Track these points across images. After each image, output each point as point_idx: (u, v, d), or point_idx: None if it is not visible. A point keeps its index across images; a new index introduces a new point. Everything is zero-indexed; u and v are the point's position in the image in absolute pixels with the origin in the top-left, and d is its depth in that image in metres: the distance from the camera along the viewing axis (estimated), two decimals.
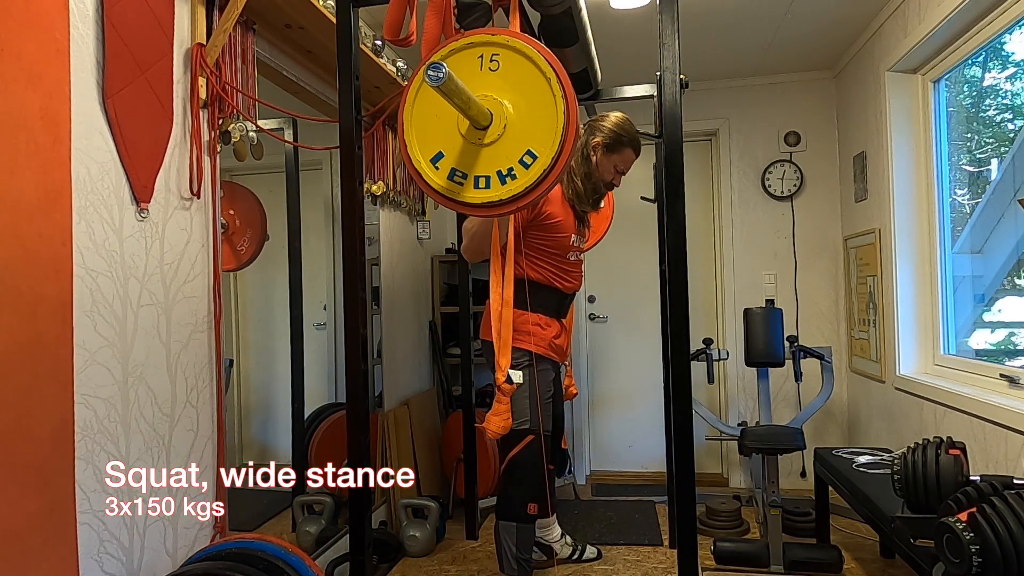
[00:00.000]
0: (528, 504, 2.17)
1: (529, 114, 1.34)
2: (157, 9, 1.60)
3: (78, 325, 1.37)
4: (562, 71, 1.34)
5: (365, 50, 2.42)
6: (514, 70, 1.35)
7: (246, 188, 2.39)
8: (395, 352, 3.27)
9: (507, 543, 2.19)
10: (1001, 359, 2.57)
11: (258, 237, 2.36)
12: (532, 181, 1.33)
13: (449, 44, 1.39)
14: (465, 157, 1.37)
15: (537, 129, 1.34)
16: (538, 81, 1.34)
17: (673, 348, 1.65)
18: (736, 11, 3.00)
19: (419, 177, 1.41)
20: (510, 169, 1.35)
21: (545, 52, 1.35)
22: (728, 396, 3.96)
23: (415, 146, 1.41)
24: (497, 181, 1.36)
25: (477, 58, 1.37)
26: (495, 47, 1.36)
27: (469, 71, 1.36)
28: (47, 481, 1.28)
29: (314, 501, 2.57)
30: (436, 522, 2.95)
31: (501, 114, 1.35)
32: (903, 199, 2.98)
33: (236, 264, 2.36)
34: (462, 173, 1.37)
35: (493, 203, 1.37)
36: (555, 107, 1.32)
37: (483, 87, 1.35)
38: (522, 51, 1.35)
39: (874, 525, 2.17)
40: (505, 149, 1.35)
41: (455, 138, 1.38)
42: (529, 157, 1.33)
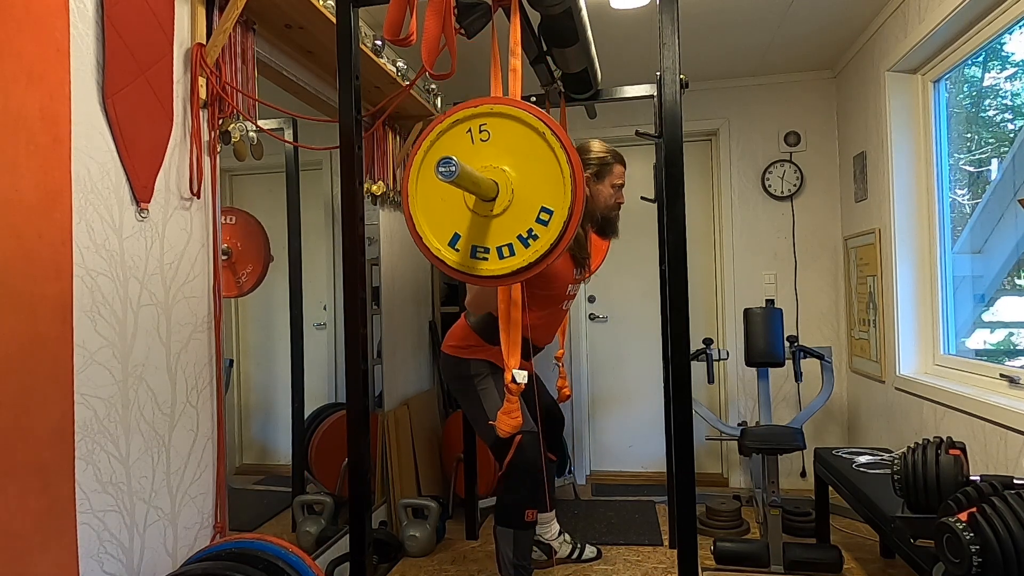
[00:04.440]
0: (526, 511, 2.17)
1: (532, 173, 1.34)
2: (157, 9, 1.61)
3: (78, 325, 1.37)
4: (551, 120, 1.34)
5: (365, 50, 2.42)
6: (505, 134, 1.35)
7: (250, 216, 2.39)
8: (395, 352, 3.27)
9: (505, 549, 2.19)
10: (1001, 359, 2.57)
11: (259, 271, 2.37)
12: (555, 236, 1.33)
13: (437, 128, 1.38)
14: (482, 231, 1.36)
15: (544, 185, 1.33)
16: (532, 139, 1.33)
17: (673, 348, 1.65)
18: (736, 11, 3.00)
19: (441, 263, 1.39)
20: (530, 231, 1.34)
21: (531, 109, 1.35)
22: (728, 396, 3.96)
23: (429, 234, 1.39)
24: (520, 245, 1.35)
25: (466, 132, 1.37)
26: (481, 118, 1.36)
27: (462, 147, 1.36)
28: (47, 481, 1.28)
29: (314, 501, 2.57)
30: (436, 522, 2.95)
31: (506, 182, 1.34)
32: (903, 199, 2.98)
33: (237, 293, 2.37)
34: (483, 248, 1.36)
35: (523, 268, 1.35)
36: (555, 159, 1.32)
37: (480, 159, 1.35)
38: (508, 114, 1.35)
39: (874, 525, 2.17)
40: (519, 213, 1.34)
41: (466, 215, 1.37)
42: (545, 214, 1.33)
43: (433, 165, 1.33)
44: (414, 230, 1.40)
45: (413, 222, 1.40)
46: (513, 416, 1.69)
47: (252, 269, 2.34)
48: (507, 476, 2.17)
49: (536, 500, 2.18)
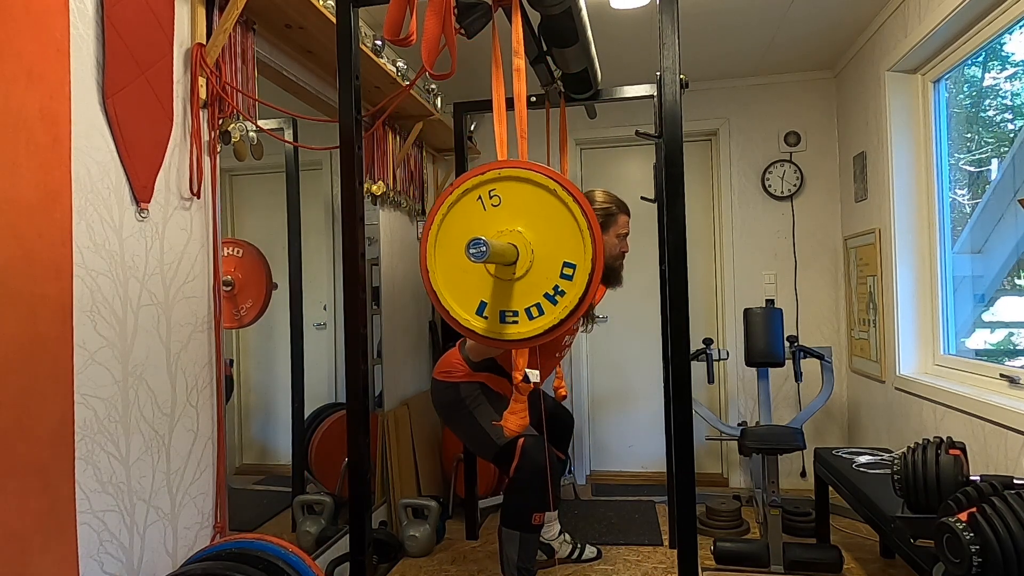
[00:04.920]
0: (533, 514, 2.17)
1: (549, 230, 1.34)
2: (157, 9, 1.61)
3: (78, 325, 1.37)
4: (559, 176, 1.34)
5: (365, 50, 2.42)
6: (516, 197, 1.35)
7: (256, 249, 2.39)
8: (395, 352, 3.27)
9: (509, 551, 2.19)
10: (1001, 359, 2.57)
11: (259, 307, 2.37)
12: (582, 290, 1.32)
13: (447, 201, 1.38)
14: (507, 295, 1.36)
15: (563, 240, 1.33)
16: (543, 197, 1.34)
17: (673, 348, 1.65)
18: (736, 11, 3.00)
19: (471, 333, 1.39)
20: (555, 287, 1.34)
21: (538, 168, 1.35)
22: (728, 396, 3.96)
23: (455, 306, 1.39)
24: (548, 304, 1.34)
25: (476, 200, 1.37)
26: (489, 184, 1.36)
27: (475, 215, 1.36)
28: (47, 481, 1.28)
29: (314, 501, 2.57)
30: (436, 522, 2.95)
31: (524, 243, 1.34)
32: (903, 199, 2.99)
33: (236, 325, 2.37)
34: (511, 312, 1.36)
35: (555, 326, 1.35)
36: (569, 214, 1.32)
37: (495, 224, 1.35)
38: (516, 177, 1.35)
39: (874, 525, 2.17)
40: (542, 272, 1.34)
41: (490, 282, 1.37)
42: (568, 268, 1.33)
43: (448, 237, 1.36)
44: (439, 304, 1.39)
45: (437, 296, 1.39)
46: (521, 416, 1.69)
47: (252, 304, 2.34)
48: (514, 479, 2.17)
49: (543, 503, 2.19)
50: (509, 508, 2.21)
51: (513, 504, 2.20)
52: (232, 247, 2.33)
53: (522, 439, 2.17)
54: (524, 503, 2.17)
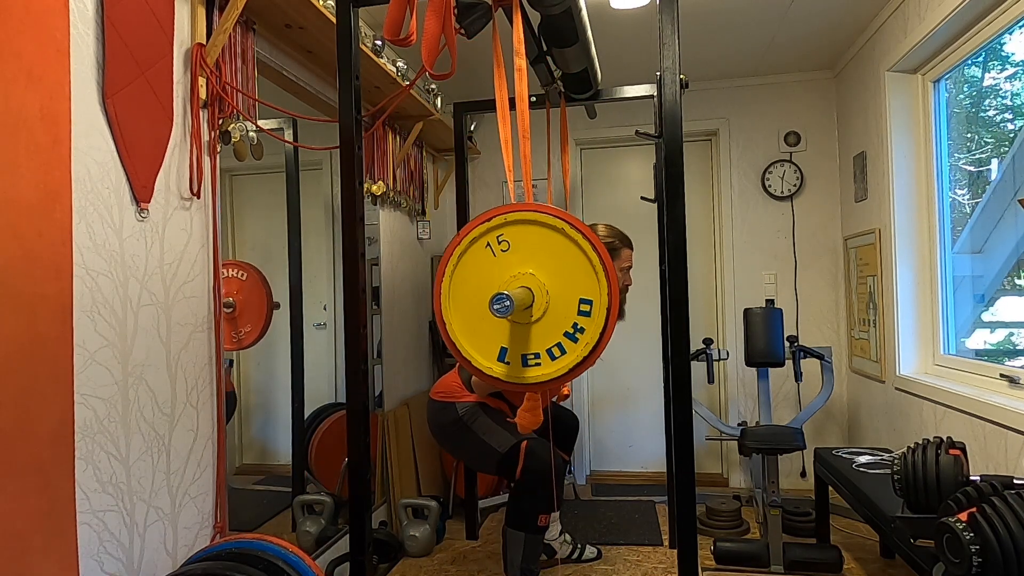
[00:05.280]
0: (539, 515, 2.18)
1: (562, 270, 1.34)
2: (157, 9, 1.60)
3: (78, 325, 1.37)
4: (566, 215, 1.34)
5: (365, 50, 2.42)
6: (525, 239, 1.35)
7: (259, 274, 2.39)
8: (395, 352, 3.27)
9: (514, 552, 2.19)
10: (1001, 359, 2.57)
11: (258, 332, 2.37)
12: (601, 325, 1.32)
13: (456, 251, 1.38)
14: (527, 339, 1.36)
15: (577, 278, 1.33)
16: (552, 237, 1.34)
17: (673, 348, 1.65)
18: (736, 11, 3.00)
19: (495, 380, 1.39)
20: (575, 325, 1.34)
21: (544, 208, 1.35)
22: (728, 396, 3.96)
23: (476, 355, 1.38)
24: (569, 342, 1.34)
25: (485, 247, 1.37)
26: (497, 229, 1.36)
27: (485, 262, 1.36)
28: (47, 481, 1.28)
29: (314, 501, 2.57)
30: (436, 522, 2.95)
31: (538, 285, 1.34)
32: (903, 199, 2.99)
33: (235, 347, 2.37)
34: (533, 354, 1.36)
35: (579, 364, 1.34)
36: (580, 251, 1.32)
37: (506, 269, 1.35)
38: (523, 220, 1.35)
39: (874, 525, 2.17)
40: (560, 311, 1.34)
41: (507, 328, 1.37)
42: (585, 305, 1.33)
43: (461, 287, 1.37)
44: (460, 355, 1.39)
45: (457, 348, 1.39)
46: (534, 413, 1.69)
47: (251, 329, 2.34)
48: (520, 481, 2.18)
49: (549, 504, 2.19)
50: (515, 509, 2.21)
51: (519, 505, 2.20)
52: (236, 269, 2.33)
53: (525, 442, 2.17)
54: (530, 504, 2.17)
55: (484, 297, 1.35)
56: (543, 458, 2.16)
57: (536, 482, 2.16)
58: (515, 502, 2.22)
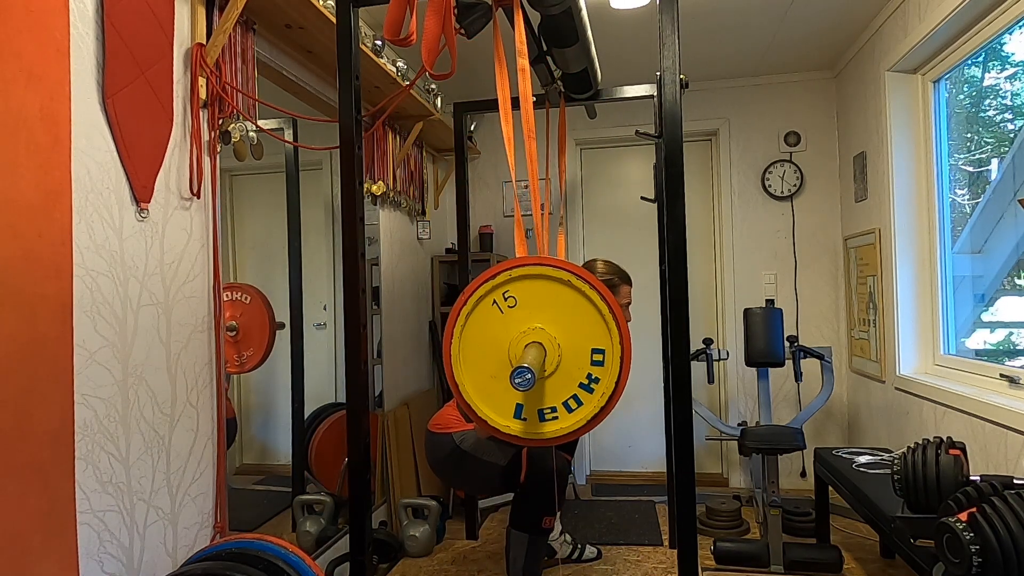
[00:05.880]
0: (544, 517, 2.18)
1: (571, 322, 1.33)
2: (157, 9, 1.60)
3: (78, 325, 1.37)
4: (571, 266, 1.34)
5: (365, 50, 2.42)
6: (531, 294, 1.35)
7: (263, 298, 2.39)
8: (395, 352, 3.27)
9: (517, 553, 2.20)
10: (1001, 359, 2.57)
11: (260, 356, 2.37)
12: (616, 374, 1.32)
13: (462, 311, 1.37)
14: (542, 394, 1.35)
15: (587, 329, 1.32)
16: (558, 290, 1.33)
17: (673, 348, 1.65)
18: (736, 11, 3.00)
19: (514, 438, 1.38)
20: (588, 376, 1.33)
21: (546, 261, 1.35)
22: (728, 396, 3.96)
23: (492, 416, 1.37)
24: (585, 393, 1.34)
25: (492, 305, 1.36)
26: (502, 286, 1.35)
27: (493, 320, 1.35)
28: (47, 481, 1.28)
29: (314, 501, 2.57)
30: (436, 522, 2.95)
31: (549, 339, 1.34)
32: (903, 199, 2.99)
33: (237, 371, 2.37)
34: (550, 408, 1.35)
35: (597, 414, 1.34)
36: (588, 302, 1.32)
37: (515, 325, 1.34)
38: (528, 275, 1.34)
39: (874, 525, 2.17)
40: (573, 363, 1.34)
41: None
42: (598, 355, 1.32)
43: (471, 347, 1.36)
44: (478, 418, 1.38)
45: (474, 410, 1.38)
46: None
47: (253, 352, 2.34)
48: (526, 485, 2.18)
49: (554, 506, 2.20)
50: (519, 511, 2.22)
51: (524, 507, 2.21)
52: (239, 292, 2.33)
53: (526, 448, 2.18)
54: (535, 506, 2.18)
55: (495, 355, 1.35)
56: (546, 460, 2.17)
57: (541, 484, 2.16)
58: (520, 504, 2.22)
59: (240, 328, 2.27)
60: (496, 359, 1.33)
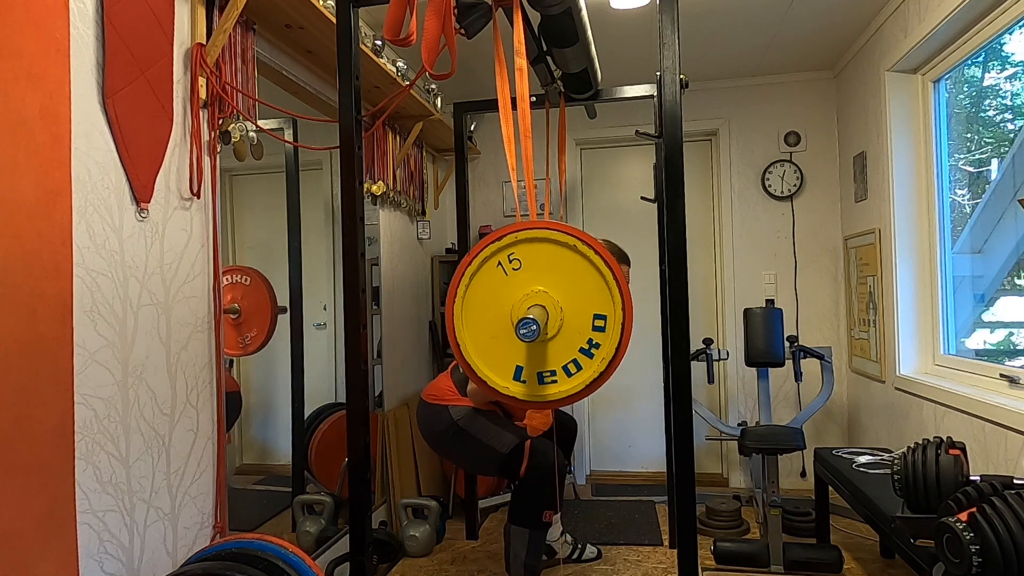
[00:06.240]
0: (543, 511, 2.18)
1: (574, 286, 1.34)
2: (157, 9, 1.60)
3: (78, 325, 1.37)
4: (577, 231, 1.34)
5: (365, 50, 2.42)
6: (536, 257, 1.36)
7: (263, 279, 2.39)
8: (395, 352, 3.27)
9: (518, 548, 2.20)
10: (1001, 359, 2.57)
11: (263, 337, 2.37)
12: (617, 339, 1.33)
13: (467, 272, 1.38)
14: (542, 356, 1.37)
15: (590, 294, 1.34)
16: (563, 254, 1.34)
17: (673, 348, 1.65)
18: (736, 11, 3.00)
19: (512, 399, 1.39)
20: (589, 341, 1.34)
21: (555, 225, 1.35)
22: (728, 396, 3.96)
23: (492, 376, 1.39)
24: (585, 358, 1.35)
25: (496, 267, 1.37)
26: (507, 248, 1.37)
27: (497, 282, 1.37)
28: (47, 481, 1.28)
29: (314, 501, 2.57)
30: (436, 522, 2.95)
31: (552, 302, 1.34)
32: (903, 199, 2.99)
33: (240, 353, 2.37)
34: (549, 372, 1.36)
35: (596, 379, 1.35)
36: (593, 267, 1.33)
37: (519, 288, 1.35)
38: (534, 238, 1.35)
39: (874, 525, 2.17)
40: (574, 328, 1.35)
41: (522, 346, 1.37)
42: (599, 320, 1.34)
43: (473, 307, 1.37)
44: (475, 376, 1.39)
45: (472, 369, 1.39)
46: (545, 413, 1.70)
47: (257, 333, 2.34)
48: (526, 479, 2.18)
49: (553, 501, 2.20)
50: (520, 506, 2.22)
51: (524, 502, 2.21)
52: (239, 275, 2.33)
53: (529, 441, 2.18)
54: (535, 501, 2.18)
55: (497, 317, 1.35)
56: (548, 455, 2.17)
57: (541, 479, 2.16)
58: (520, 499, 2.22)
59: (242, 310, 2.28)
60: (498, 321, 1.34)
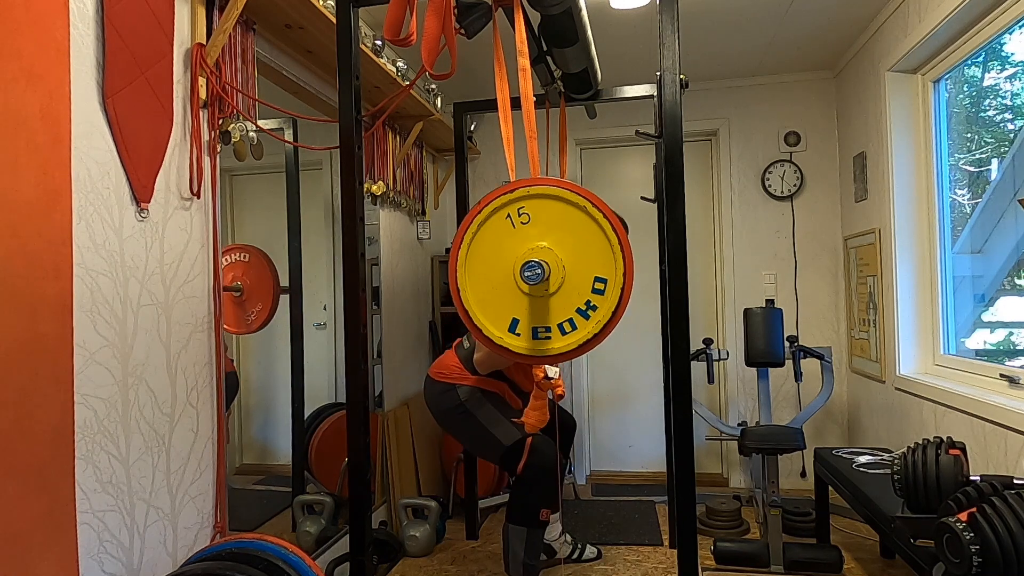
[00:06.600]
0: (541, 510, 2.18)
1: (580, 247, 1.35)
2: (157, 9, 1.60)
3: (78, 325, 1.37)
4: (589, 193, 1.34)
5: (365, 50, 2.42)
6: (546, 214, 1.37)
7: (262, 253, 2.39)
8: (395, 352, 3.27)
9: (516, 548, 2.19)
10: (1001, 359, 2.57)
11: (268, 309, 2.37)
12: (614, 304, 1.34)
13: (476, 219, 1.38)
14: (539, 312, 1.38)
15: (594, 256, 1.35)
16: (573, 214, 1.35)
17: (673, 348, 1.65)
18: (736, 11, 3.00)
19: (504, 350, 1.40)
20: (587, 302, 1.35)
21: (568, 185, 1.35)
22: (728, 396, 3.96)
23: (487, 324, 1.40)
24: (581, 319, 1.36)
25: (505, 218, 1.38)
26: (519, 201, 1.37)
27: (504, 233, 1.37)
28: (47, 481, 1.28)
29: (314, 501, 2.57)
30: (436, 522, 2.95)
31: (556, 260, 1.35)
32: (903, 199, 2.99)
33: (245, 331, 2.37)
34: (544, 328, 1.37)
35: (589, 340, 1.36)
36: (600, 230, 1.34)
37: (525, 242, 1.36)
38: (546, 195, 1.36)
39: (874, 525, 2.17)
40: (574, 288, 1.36)
41: (522, 299, 1.38)
42: (599, 283, 1.35)
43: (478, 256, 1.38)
44: (471, 323, 1.39)
45: (469, 315, 1.39)
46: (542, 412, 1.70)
47: (261, 308, 2.34)
48: (523, 476, 2.18)
49: (551, 499, 2.19)
50: (517, 504, 2.22)
51: (521, 500, 2.20)
52: (238, 252, 2.33)
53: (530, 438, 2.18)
54: (533, 499, 2.18)
55: (500, 267, 1.36)
56: (546, 454, 2.17)
57: (538, 477, 2.16)
58: (517, 497, 2.22)
59: (244, 288, 2.28)
60: (500, 272, 1.35)
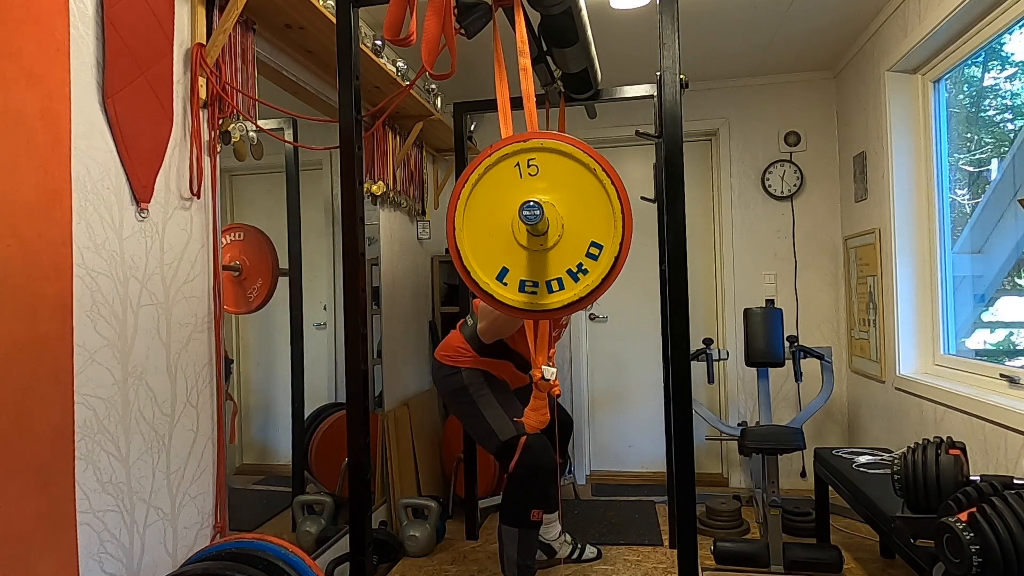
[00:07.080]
0: (532, 510, 2.17)
1: (582, 208, 1.34)
2: (157, 9, 1.60)
3: (78, 325, 1.37)
4: (600, 156, 1.34)
5: (365, 50, 2.42)
6: (555, 169, 1.36)
7: (258, 231, 2.39)
8: (395, 352, 3.27)
9: (509, 549, 2.19)
10: (1001, 359, 2.57)
11: (268, 285, 2.37)
12: (605, 271, 1.34)
13: (484, 162, 1.38)
14: (530, 266, 1.37)
15: (594, 220, 1.34)
16: (582, 174, 1.34)
17: (673, 348, 1.65)
18: (736, 11, 3.00)
19: (489, 297, 1.39)
20: (579, 265, 1.35)
21: (581, 145, 1.35)
22: (728, 396, 3.96)
23: (477, 268, 1.39)
24: (570, 280, 1.36)
25: (514, 167, 1.37)
26: (530, 152, 1.36)
27: (510, 181, 1.37)
28: (47, 481, 1.28)
29: (314, 501, 2.57)
30: (436, 522, 2.95)
31: (556, 216, 1.35)
32: (903, 199, 2.98)
33: (245, 310, 2.37)
34: (532, 282, 1.37)
35: (574, 302, 1.35)
36: (606, 195, 1.33)
37: (529, 193, 1.35)
38: (558, 150, 1.35)
39: (874, 525, 2.17)
40: (569, 247, 1.35)
41: (515, 250, 1.37)
42: (595, 248, 1.34)
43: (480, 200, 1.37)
44: (461, 265, 1.39)
45: (460, 256, 1.39)
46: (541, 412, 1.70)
47: (262, 284, 2.35)
48: (514, 476, 2.18)
49: (542, 499, 2.19)
50: (508, 504, 2.22)
51: (511, 500, 2.20)
52: (233, 232, 2.34)
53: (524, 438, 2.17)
54: (522, 499, 2.17)
55: (498, 215, 1.36)
56: (539, 455, 2.16)
57: (529, 477, 2.15)
58: (507, 498, 2.22)
59: (243, 267, 2.29)
60: (498, 220, 1.35)
